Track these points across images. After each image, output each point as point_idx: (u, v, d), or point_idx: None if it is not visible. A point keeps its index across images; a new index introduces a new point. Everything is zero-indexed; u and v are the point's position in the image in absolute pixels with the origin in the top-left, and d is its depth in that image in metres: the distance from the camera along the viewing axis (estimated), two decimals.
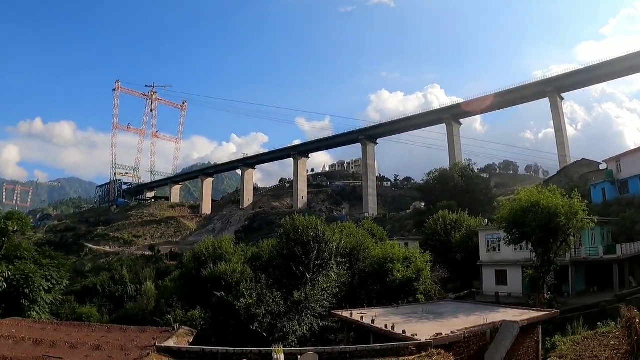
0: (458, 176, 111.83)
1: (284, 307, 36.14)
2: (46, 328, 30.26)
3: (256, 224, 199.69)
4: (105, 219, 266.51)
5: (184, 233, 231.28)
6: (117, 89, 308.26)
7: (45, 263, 46.47)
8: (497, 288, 56.47)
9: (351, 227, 56.33)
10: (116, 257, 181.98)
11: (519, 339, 26.63)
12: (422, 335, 22.83)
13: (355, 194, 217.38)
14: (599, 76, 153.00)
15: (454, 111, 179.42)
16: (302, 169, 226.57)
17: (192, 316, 41.60)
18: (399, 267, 45.06)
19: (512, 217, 43.85)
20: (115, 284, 75.71)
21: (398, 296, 43.80)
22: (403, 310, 36.91)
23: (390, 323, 26.72)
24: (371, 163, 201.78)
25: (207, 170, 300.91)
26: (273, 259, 44.06)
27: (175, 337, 24.29)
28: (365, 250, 49.72)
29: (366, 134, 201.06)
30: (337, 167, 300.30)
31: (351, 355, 18.70)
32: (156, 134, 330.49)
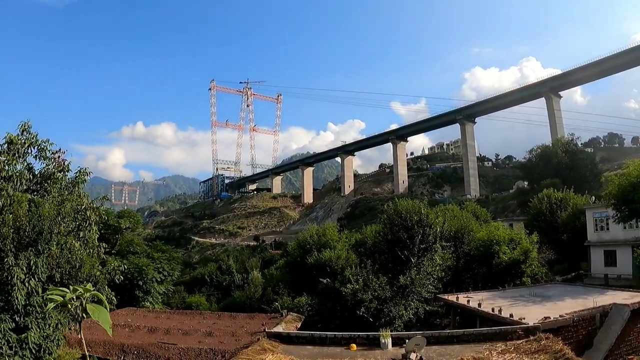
0: (561, 152, 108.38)
1: (389, 292, 36.19)
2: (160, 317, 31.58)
3: (358, 210, 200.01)
4: (210, 213, 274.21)
5: (286, 222, 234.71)
6: (212, 88, 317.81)
7: (157, 256, 48.48)
8: (606, 270, 54.44)
9: (454, 210, 55.75)
10: (222, 248, 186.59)
11: (629, 323, 25.63)
12: (530, 319, 22.52)
13: (456, 176, 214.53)
14: None
15: (552, 84, 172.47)
16: (401, 153, 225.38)
17: (299, 303, 42.30)
18: (505, 249, 44.21)
19: (620, 193, 42.13)
20: (222, 274, 77.44)
21: (504, 279, 43.09)
22: (509, 293, 36.46)
23: (496, 307, 26.48)
24: (471, 143, 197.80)
25: (306, 159, 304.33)
26: (377, 244, 44.10)
27: (283, 323, 24.88)
28: (470, 232, 49.11)
29: (464, 114, 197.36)
30: (436, 149, 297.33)
31: (458, 339, 18.73)
32: (254, 128, 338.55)
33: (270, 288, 54.20)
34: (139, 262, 44.45)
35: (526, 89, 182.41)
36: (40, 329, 18.12)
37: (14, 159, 21.03)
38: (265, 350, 17.78)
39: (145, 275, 43.63)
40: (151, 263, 46.23)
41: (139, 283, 43.09)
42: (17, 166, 21.36)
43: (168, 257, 50.49)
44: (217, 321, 28.99)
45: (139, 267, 43.47)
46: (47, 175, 22.50)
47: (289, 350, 18.27)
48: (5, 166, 20.53)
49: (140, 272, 43.34)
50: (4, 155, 21.02)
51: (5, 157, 20.90)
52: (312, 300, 42.78)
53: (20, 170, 21.52)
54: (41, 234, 18.45)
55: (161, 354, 21.65)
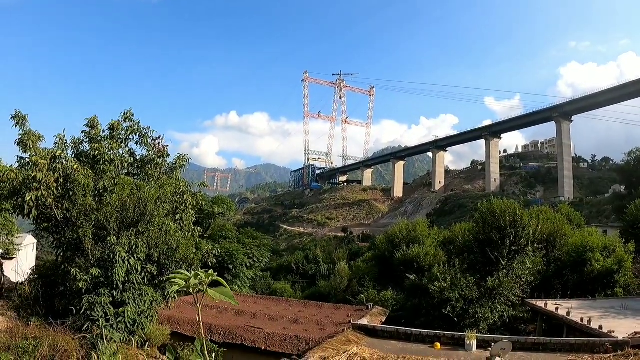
0: None
1: (476, 293, 35.93)
2: (247, 301, 32.32)
3: (448, 207, 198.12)
4: (300, 202, 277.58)
5: (375, 215, 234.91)
6: (305, 79, 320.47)
7: (247, 242, 49.57)
8: None
9: (547, 212, 54.58)
10: (309, 238, 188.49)
11: None
12: (620, 333, 21.89)
13: (550, 176, 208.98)
14: None
15: None
16: (494, 150, 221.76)
17: (384, 297, 42.34)
18: (598, 257, 42.97)
19: None
20: (308, 263, 78.14)
21: (595, 288, 41.78)
22: (600, 304, 35.45)
23: (586, 317, 25.84)
24: (566, 142, 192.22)
25: (398, 153, 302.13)
26: (467, 243, 43.70)
27: (369, 316, 25.09)
28: (562, 237, 47.90)
29: (560, 111, 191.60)
30: (530, 147, 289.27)
31: (544, 347, 18.49)
32: (346, 120, 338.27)
33: (356, 280, 54.34)
34: (230, 247, 45.60)
35: (628, 86, 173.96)
36: (136, 305, 18.95)
37: (116, 144, 22.04)
38: (350, 342, 18.02)
39: (235, 259, 44.75)
40: (241, 248, 47.32)
41: (229, 267, 44.23)
42: (119, 150, 22.38)
43: (259, 243, 51.56)
44: (303, 309, 29.44)
45: (230, 252, 44.60)
46: (147, 160, 23.44)
47: (373, 344, 18.44)
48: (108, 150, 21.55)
49: (230, 256, 44.49)
50: (107, 140, 22.08)
51: (108, 142, 21.95)
52: (397, 295, 42.80)
53: (122, 155, 22.54)
54: (143, 215, 19.29)
55: (247, 336, 22.21)
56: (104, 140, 21.92)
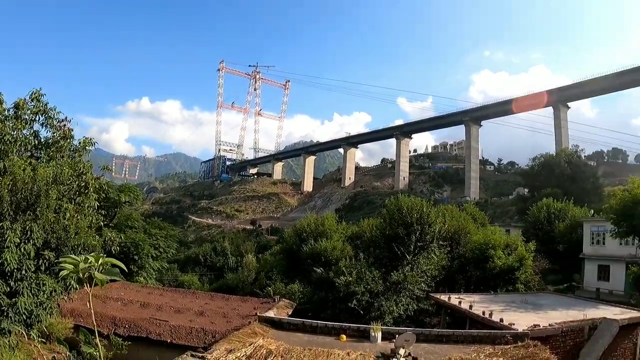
0: (564, 163, 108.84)
1: (382, 287, 36.49)
2: (153, 293, 31.74)
3: (357, 202, 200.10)
4: (209, 193, 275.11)
5: (284, 209, 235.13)
6: (221, 69, 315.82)
7: (154, 233, 48.67)
8: (599, 284, 54.78)
9: (453, 211, 55.87)
10: (218, 230, 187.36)
11: (616, 338, 25.64)
12: (519, 326, 22.73)
13: (457, 177, 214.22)
14: None
15: (561, 94, 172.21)
16: (404, 149, 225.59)
17: (291, 290, 42.42)
18: (500, 254, 44.33)
19: (621, 208, 42.26)
20: (216, 255, 77.60)
21: (497, 284, 43.23)
22: (501, 298, 36.62)
23: (487, 310, 26.63)
24: (475, 146, 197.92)
25: (309, 148, 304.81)
26: (374, 238, 44.26)
27: (275, 309, 25.04)
28: (467, 234, 49.23)
29: (470, 116, 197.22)
30: (439, 148, 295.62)
31: (447, 339, 18.87)
32: (259, 112, 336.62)
33: (264, 273, 54.31)
34: (136, 236, 44.65)
35: (535, 97, 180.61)
36: (33, 296, 18.12)
37: (20, 124, 21.11)
38: (255, 334, 17.93)
39: (141, 250, 43.82)
40: (148, 239, 46.44)
41: (134, 257, 43.30)
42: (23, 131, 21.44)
43: (165, 234, 50.75)
44: (210, 301, 29.14)
45: (136, 242, 43.66)
46: (51, 142, 22.56)
47: (279, 336, 18.41)
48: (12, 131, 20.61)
49: (136, 246, 43.54)
50: (11, 120, 21.12)
51: (12, 122, 20.99)
52: (304, 289, 42.97)
53: (25, 136, 21.61)
54: (39, 197, 18.51)
55: (152, 329, 21.80)
56: (8, 120, 20.94)
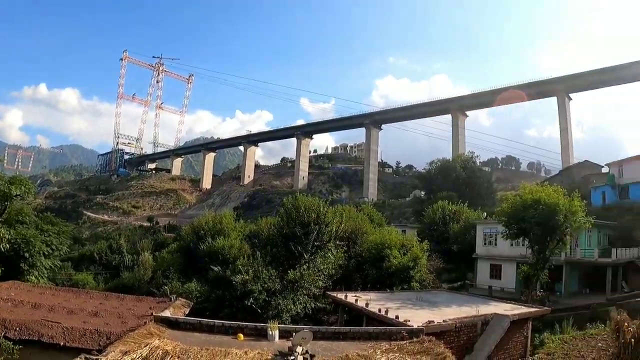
0: (460, 168, 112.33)
1: (279, 285, 36.59)
2: (45, 293, 30.62)
3: (255, 201, 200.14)
4: (106, 188, 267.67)
5: (182, 206, 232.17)
6: (124, 58, 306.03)
7: (46, 229, 46.95)
8: (491, 282, 57.10)
9: (351, 211, 56.59)
10: (114, 227, 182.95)
11: (508, 332, 26.94)
12: (415, 322, 23.21)
13: (356, 178, 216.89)
14: (605, 80, 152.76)
15: (461, 102, 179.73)
16: (304, 149, 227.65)
17: (189, 289, 41.86)
18: (396, 254, 45.22)
19: (512, 212, 44.18)
20: (112, 253, 75.71)
21: (393, 282, 44.00)
22: (397, 296, 37.27)
23: (384, 308, 27.07)
24: (374, 148, 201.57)
25: (210, 144, 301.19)
26: (272, 237, 44.32)
27: (171, 308, 24.65)
28: (364, 234, 50.02)
29: (371, 119, 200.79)
30: (339, 149, 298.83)
31: (344, 336, 19.06)
32: (161, 106, 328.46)
33: (160, 272, 53.33)
34: (27, 233, 42.93)
35: (436, 104, 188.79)
36: None
37: None
38: (151, 335, 17.60)
39: (32, 247, 42.17)
40: (39, 235, 44.76)
41: (25, 255, 41.58)
42: None
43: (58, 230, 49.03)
44: (104, 302, 28.38)
45: (27, 239, 41.96)
46: None
47: (176, 336, 18.14)
48: None
49: (27, 243, 41.84)
50: None
51: None
52: (202, 288, 42.53)
53: None
54: None
55: (44, 332, 21.02)
56: None
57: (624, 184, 79.57)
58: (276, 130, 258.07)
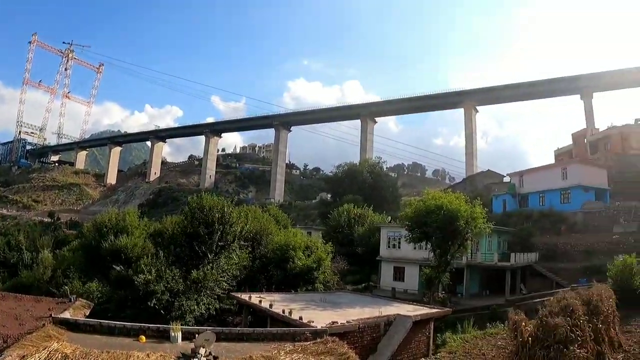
0: (367, 172, 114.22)
1: (182, 286, 36.14)
2: None
3: (161, 199, 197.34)
4: (5, 180, 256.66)
5: (85, 201, 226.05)
6: (33, 42, 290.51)
7: None
8: (395, 284, 58.30)
9: (256, 212, 56.54)
10: (13, 222, 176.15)
11: (411, 332, 27.60)
12: (318, 323, 23.41)
13: (264, 179, 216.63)
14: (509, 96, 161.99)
15: (371, 109, 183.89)
16: (213, 148, 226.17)
17: (90, 289, 40.89)
18: (300, 255, 45.61)
19: (416, 216, 45.30)
20: (10, 250, 72.96)
21: (297, 284, 44.30)
22: (301, 297, 37.53)
23: (288, 309, 27.20)
24: (282, 149, 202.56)
25: (116, 138, 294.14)
26: (176, 236, 43.75)
27: (71, 309, 24.02)
28: (269, 235, 50.13)
29: (281, 120, 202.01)
30: (248, 149, 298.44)
31: (248, 337, 19.05)
32: (68, 95, 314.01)
33: (61, 271, 51.81)
34: None
35: (347, 109, 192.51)
36: None
37: None
38: (50, 338, 17.07)
39: None
40: None
41: None
42: None
43: None
44: (0, 302, 27.48)
45: None
46: None
47: (76, 339, 17.66)
48: None
49: None
50: None
51: None
52: (104, 288, 41.58)
53: None
54: None
55: None
56: None
57: (523, 193, 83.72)
58: (185, 126, 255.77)
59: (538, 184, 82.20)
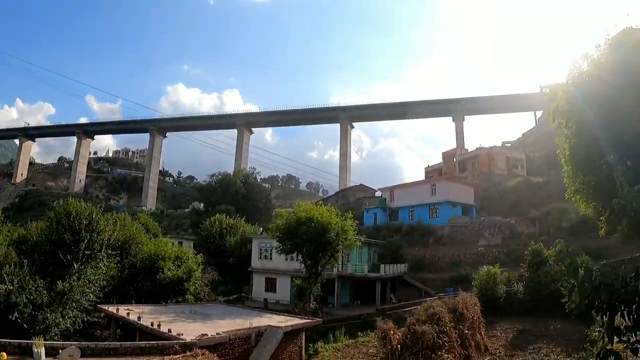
0: (240, 182, 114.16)
1: (47, 297, 34.57)
2: None
3: (28, 202, 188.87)
4: None
5: None
6: None
7: None
8: (267, 295, 58.44)
9: (126, 219, 55.17)
10: None
11: (282, 343, 27.84)
12: (188, 335, 23.09)
13: (136, 185, 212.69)
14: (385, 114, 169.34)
15: (248, 119, 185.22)
16: (84, 150, 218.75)
17: None
18: (170, 266, 45.10)
19: (287, 228, 45.76)
20: None
21: (168, 295, 43.61)
22: (171, 309, 36.99)
23: (157, 321, 26.61)
24: (157, 156, 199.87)
25: None
26: (40, 243, 41.87)
27: None
28: (138, 244, 49.02)
29: (157, 125, 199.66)
30: (121, 154, 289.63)
31: (115, 352, 18.54)
32: None
33: None
34: None
35: (224, 117, 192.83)
36: None
37: None
38: None
39: None
40: None
41: None
42: None
43: None
44: None
45: None
46: None
47: None
48: None
49: None
50: None
51: None
52: None
53: None
54: None
55: None
56: None
57: (394, 207, 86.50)
58: (56, 125, 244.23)
59: (408, 199, 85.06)
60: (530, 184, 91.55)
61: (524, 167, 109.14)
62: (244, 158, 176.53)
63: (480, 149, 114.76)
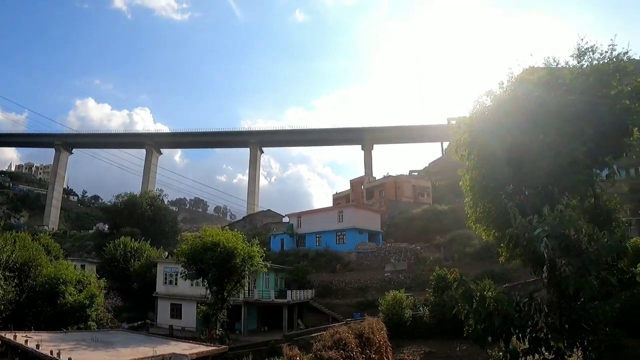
0: (146, 204, 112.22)
1: None
2: None
3: None
4: None
5: None
6: None
7: None
8: (172, 321, 57.60)
9: (26, 239, 53.20)
10: None
11: None
12: None
13: (39, 203, 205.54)
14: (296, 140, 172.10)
15: (157, 139, 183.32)
16: None
17: None
18: (72, 290, 43.99)
19: (192, 253, 45.57)
20: None
21: (69, 321, 42.48)
22: (72, 336, 35.96)
23: (57, 349, 25.89)
24: (61, 173, 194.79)
25: None
26: None
27: None
28: (38, 267, 47.40)
29: (63, 141, 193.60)
30: (24, 169, 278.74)
31: None
32: None
33: None
34: None
35: (133, 136, 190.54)
36: None
37: None
38: None
39: None
40: None
41: None
42: None
43: None
44: None
45: None
46: None
47: None
48: None
49: None
50: None
51: None
52: None
53: None
54: None
55: None
56: None
57: (301, 233, 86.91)
58: None
59: (315, 225, 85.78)
60: (435, 212, 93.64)
61: (430, 195, 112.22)
62: (151, 179, 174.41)
63: (388, 177, 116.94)
